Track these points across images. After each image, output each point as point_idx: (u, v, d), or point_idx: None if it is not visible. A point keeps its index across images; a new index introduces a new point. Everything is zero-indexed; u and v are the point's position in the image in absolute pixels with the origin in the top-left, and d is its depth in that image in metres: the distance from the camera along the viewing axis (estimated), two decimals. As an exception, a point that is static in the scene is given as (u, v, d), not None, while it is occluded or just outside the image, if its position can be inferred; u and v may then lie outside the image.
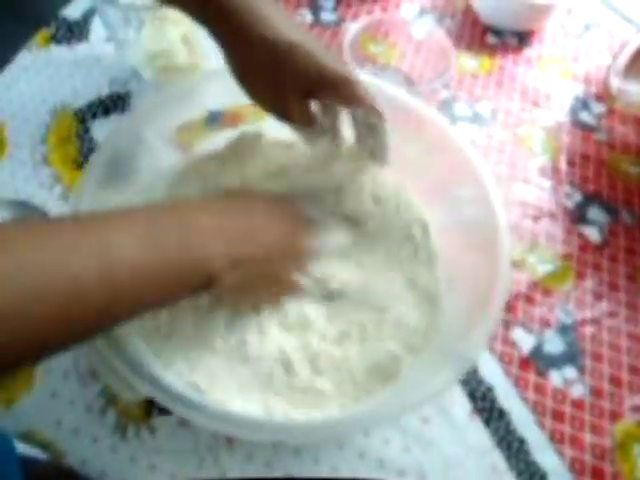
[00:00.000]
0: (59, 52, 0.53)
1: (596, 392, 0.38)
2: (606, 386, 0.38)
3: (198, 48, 0.50)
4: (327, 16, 0.60)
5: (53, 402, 0.35)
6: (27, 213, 0.41)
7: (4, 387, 0.35)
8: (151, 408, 0.35)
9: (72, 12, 0.56)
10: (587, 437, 0.36)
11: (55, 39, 0.54)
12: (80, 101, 0.50)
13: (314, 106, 0.35)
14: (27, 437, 0.33)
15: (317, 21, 0.59)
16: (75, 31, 0.55)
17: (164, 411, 0.35)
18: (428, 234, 0.40)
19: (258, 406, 0.32)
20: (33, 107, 0.50)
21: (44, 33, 0.54)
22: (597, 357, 0.39)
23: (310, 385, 0.33)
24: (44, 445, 0.33)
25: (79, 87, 0.51)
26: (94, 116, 0.49)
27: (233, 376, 0.33)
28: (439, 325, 0.36)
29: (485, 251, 0.35)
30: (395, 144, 0.40)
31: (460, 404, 0.37)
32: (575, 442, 0.36)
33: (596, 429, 0.36)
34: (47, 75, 0.52)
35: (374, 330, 0.36)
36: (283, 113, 0.34)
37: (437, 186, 0.41)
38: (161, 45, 0.49)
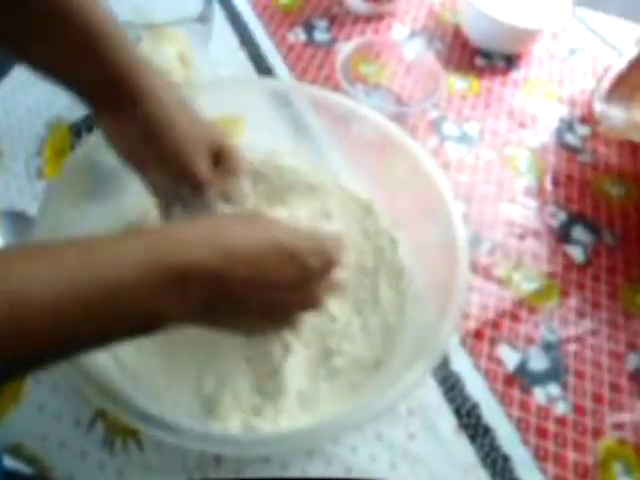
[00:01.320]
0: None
1: (579, 409, 0.39)
2: (588, 403, 0.39)
3: (193, 65, 0.51)
4: (320, 36, 0.61)
5: (40, 416, 0.35)
6: (23, 224, 0.42)
7: (-9, 401, 0.35)
8: (139, 423, 0.35)
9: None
10: (570, 455, 0.37)
11: (52, 53, 0.55)
12: (75, 114, 0.50)
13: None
14: (14, 451, 0.33)
15: (310, 41, 0.60)
16: (72, 46, 0.56)
17: (152, 426, 0.35)
18: (396, 249, 0.42)
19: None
20: (29, 120, 0.50)
21: (41, 47, 0.55)
22: (580, 374, 0.40)
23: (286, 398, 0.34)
24: (31, 460, 0.33)
25: (74, 101, 0.51)
26: (89, 129, 0.49)
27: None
28: (403, 332, 0.38)
29: (446, 258, 0.37)
30: (376, 165, 0.43)
31: (446, 420, 0.37)
32: (558, 460, 0.36)
33: (579, 446, 0.37)
34: (43, 88, 0.52)
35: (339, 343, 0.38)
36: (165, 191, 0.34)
37: (409, 206, 0.43)
38: (157, 62, 0.49)
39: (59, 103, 0.51)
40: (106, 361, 0.33)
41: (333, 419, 0.34)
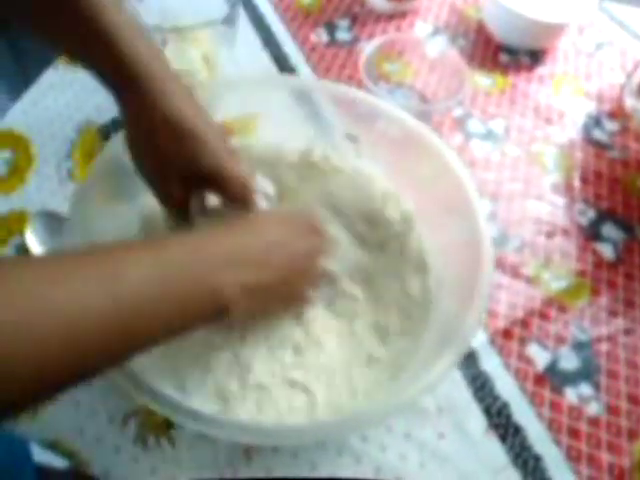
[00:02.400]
0: (84, 70, 0.55)
1: (613, 410, 0.38)
2: (623, 404, 0.38)
3: (217, 67, 0.52)
4: (342, 35, 0.61)
5: (76, 412, 0.35)
6: (55, 223, 0.43)
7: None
8: (172, 419, 0.35)
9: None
10: (604, 456, 0.36)
11: (80, 58, 0.56)
12: (104, 117, 0.52)
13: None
14: (52, 446, 0.34)
15: (333, 40, 0.60)
16: (100, 50, 0.57)
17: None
18: (421, 245, 0.41)
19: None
20: (59, 123, 0.51)
21: (70, 52, 0.56)
22: (613, 374, 0.39)
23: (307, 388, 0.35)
24: (69, 454, 0.34)
25: (103, 104, 0.53)
26: (117, 132, 0.50)
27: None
28: (429, 325, 0.38)
29: (470, 254, 0.36)
30: (400, 162, 0.43)
31: (476, 420, 0.37)
32: (592, 461, 0.36)
33: (613, 448, 0.36)
34: (72, 92, 0.54)
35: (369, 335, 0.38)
36: (162, 191, 0.34)
37: (432, 203, 0.42)
38: (183, 64, 0.50)
39: (88, 107, 0.53)
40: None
41: (359, 413, 0.34)
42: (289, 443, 0.34)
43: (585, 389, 0.39)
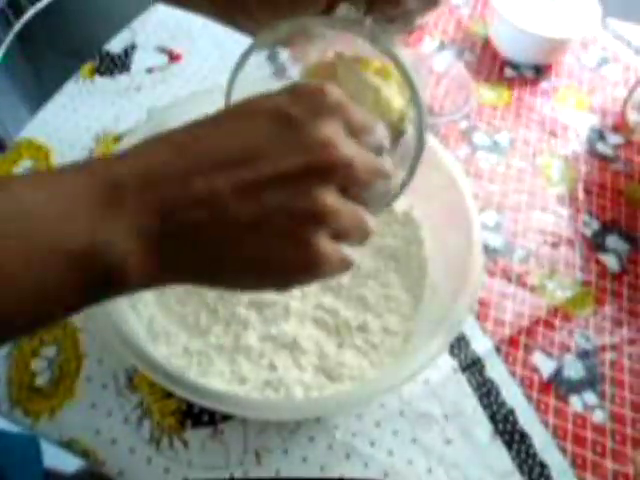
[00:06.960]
0: (102, 82, 0.57)
1: (617, 418, 0.38)
2: (628, 412, 0.39)
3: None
4: (352, 50, 0.63)
5: (93, 413, 0.36)
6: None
7: (48, 397, 0.37)
8: (185, 420, 0.36)
9: (114, 47, 0.60)
10: (609, 464, 0.36)
11: (99, 71, 0.58)
12: (121, 127, 0.53)
13: None
14: (69, 445, 0.35)
15: (342, 55, 0.62)
16: (117, 63, 0.59)
17: (197, 424, 0.36)
18: (422, 246, 0.43)
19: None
20: (77, 133, 0.53)
21: (89, 65, 0.58)
22: (618, 383, 0.40)
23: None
24: (84, 454, 0.35)
25: (120, 114, 0.54)
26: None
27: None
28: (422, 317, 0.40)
29: (463, 255, 0.37)
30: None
31: (482, 426, 0.38)
32: (597, 469, 0.36)
33: (618, 456, 0.37)
34: (91, 103, 0.55)
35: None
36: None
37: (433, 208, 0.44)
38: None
39: (105, 117, 0.54)
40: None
41: (349, 391, 0.36)
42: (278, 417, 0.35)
43: (590, 397, 0.39)
